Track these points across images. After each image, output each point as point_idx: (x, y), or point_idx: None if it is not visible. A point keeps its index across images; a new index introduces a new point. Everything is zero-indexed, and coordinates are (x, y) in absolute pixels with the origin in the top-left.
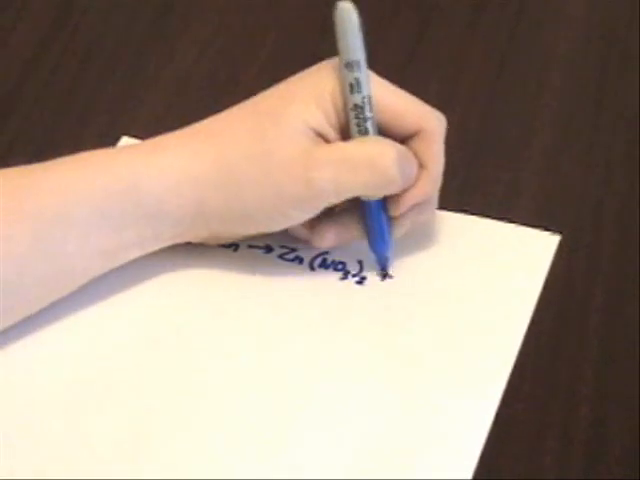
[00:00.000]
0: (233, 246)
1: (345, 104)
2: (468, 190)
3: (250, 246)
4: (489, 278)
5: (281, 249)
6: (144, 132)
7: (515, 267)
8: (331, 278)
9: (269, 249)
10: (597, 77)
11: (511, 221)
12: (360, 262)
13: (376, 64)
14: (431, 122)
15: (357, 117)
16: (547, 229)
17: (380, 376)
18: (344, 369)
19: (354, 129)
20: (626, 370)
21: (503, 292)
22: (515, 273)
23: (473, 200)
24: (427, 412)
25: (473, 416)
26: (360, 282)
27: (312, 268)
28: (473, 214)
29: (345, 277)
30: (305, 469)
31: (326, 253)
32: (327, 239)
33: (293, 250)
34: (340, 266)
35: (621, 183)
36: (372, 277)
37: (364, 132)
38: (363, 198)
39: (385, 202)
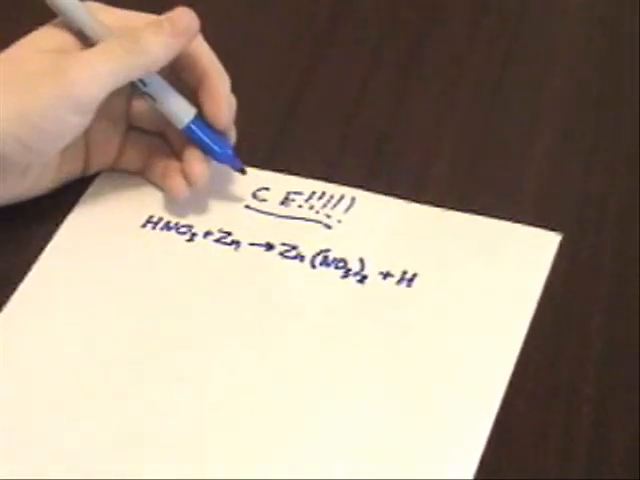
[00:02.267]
0: (234, 244)
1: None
2: (470, 190)
3: (251, 244)
4: (490, 277)
5: (282, 247)
6: None
7: (516, 266)
8: (332, 277)
9: (270, 247)
10: (599, 77)
11: (514, 221)
12: (361, 260)
13: (379, 64)
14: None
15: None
16: (549, 229)
17: (380, 376)
18: (344, 369)
19: None
20: (628, 370)
21: (504, 291)
22: (516, 272)
23: (476, 200)
24: (428, 412)
25: (474, 416)
26: (361, 281)
27: (313, 266)
28: (475, 213)
29: (346, 275)
30: (305, 469)
31: (327, 251)
32: (179, 190)
33: (294, 248)
34: (341, 264)
35: (623, 182)
36: (373, 276)
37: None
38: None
39: (201, 121)
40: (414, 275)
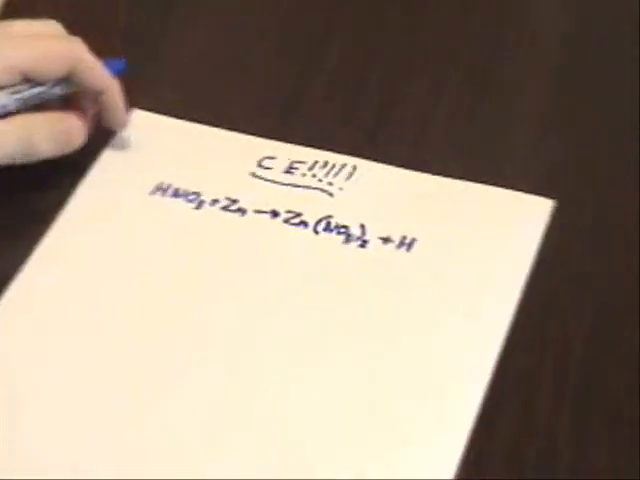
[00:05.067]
0: (240, 212)
1: None
2: (467, 158)
3: (257, 211)
4: (485, 242)
5: (286, 214)
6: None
7: (509, 232)
8: (334, 242)
9: (275, 214)
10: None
11: (508, 188)
12: (362, 226)
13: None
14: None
15: None
16: (544, 196)
17: (378, 345)
18: (345, 333)
19: None
20: (620, 337)
21: (498, 256)
22: (509, 238)
23: (472, 167)
24: (406, 400)
25: (467, 383)
26: (362, 246)
27: (316, 232)
28: (471, 181)
29: (348, 241)
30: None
31: (330, 217)
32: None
33: (298, 215)
34: (343, 230)
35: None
36: (374, 241)
37: None
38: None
39: None
40: (413, 240)
